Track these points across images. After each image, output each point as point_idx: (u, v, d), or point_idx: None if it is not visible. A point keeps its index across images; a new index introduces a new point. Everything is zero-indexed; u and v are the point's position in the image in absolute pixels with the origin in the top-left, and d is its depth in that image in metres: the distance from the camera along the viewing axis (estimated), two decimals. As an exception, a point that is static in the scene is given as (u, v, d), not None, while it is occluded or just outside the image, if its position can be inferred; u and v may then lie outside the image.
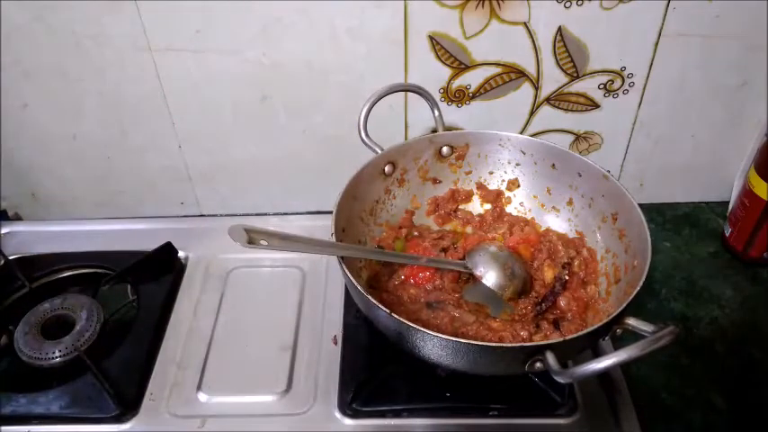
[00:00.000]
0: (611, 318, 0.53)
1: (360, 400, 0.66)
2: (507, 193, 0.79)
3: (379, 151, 0.71)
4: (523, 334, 0.62)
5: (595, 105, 0.80)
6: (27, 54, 0.74)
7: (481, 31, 0.73)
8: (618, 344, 0.67)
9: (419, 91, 0.72)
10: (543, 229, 0.77)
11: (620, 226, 0.68)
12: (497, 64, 0.76)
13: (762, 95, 0.79)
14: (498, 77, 0.77)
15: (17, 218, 0.93)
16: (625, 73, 0.77)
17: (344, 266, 0.58)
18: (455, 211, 0.79)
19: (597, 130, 0.83)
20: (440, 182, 0.79)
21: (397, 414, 0.65)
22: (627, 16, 0.71)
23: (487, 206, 0.79)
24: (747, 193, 0.78)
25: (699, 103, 0.80)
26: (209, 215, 0.93)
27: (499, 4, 0.70)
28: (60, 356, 0.69)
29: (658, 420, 0.65)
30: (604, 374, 0.67)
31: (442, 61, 0.75)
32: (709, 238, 0.86)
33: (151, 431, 0.65)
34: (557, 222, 0.76)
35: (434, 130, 0.75)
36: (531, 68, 0.76)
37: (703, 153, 0.86)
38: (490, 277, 0.68)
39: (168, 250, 0.82)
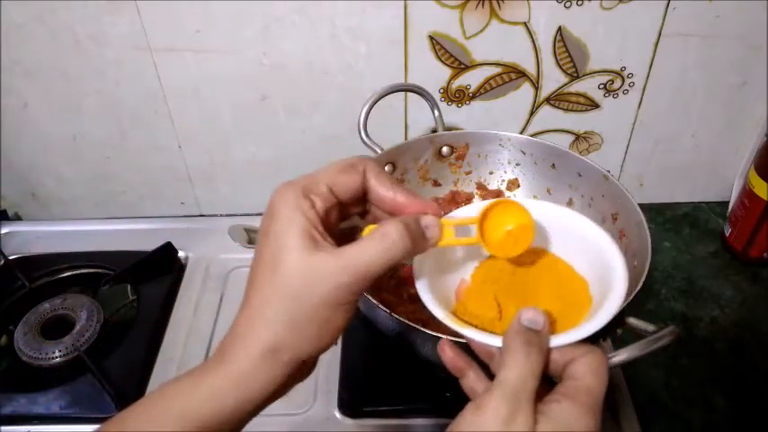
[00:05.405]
0: (611, 318, 0.53)
1: (360, 400, 0.66)
2: (507, 193, 0.79)
3: (379, 151, 0.71)
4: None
5: (595, 105, 0.80)
6: (27, 54, 0.74)
7: (481, 31, 0.73)
8: (618, 344, 0.67)
9: (419, 91, 0.72)
10: (543, 229, 0.76)
11: (620, 226, 0.67)
12: (497, 64, 0.76)
13: (762, 95, 0.79)
14: (498, 77, 0.77)
15: (17, 218, 0.93)
16: (625, 73, 0.77)
17: (344, 266, 0.58)
18: (455, 212, 0.79)
19: (597, 130, 0.83)
20: (440, 185, 0.78)
21: (397, 414, 0.65)
22: (627, 16, 0.71)
23: (487, 206, 0.79)
24: (747, 193, 0.78)
25: (699, 103, 0.80)
26: (209, 215, 0.93)
27: (499, 4, 0.70)
28: (60, 356, 0.69)
29: (658, 420, 0.65)
30: (604, 374, 0.67)
31: (441, 61, 0.75)
32: (709, 238, 0.86)
33: (151, 431, 0.65)
34: (557, 222, 0.76)
35: (434, 130, 0.75)
36: (531, 68, 0.76)
37: (703, 153, 0.86)
38: (490, 277, 0.67)
39: (168, 250, 0.82)
